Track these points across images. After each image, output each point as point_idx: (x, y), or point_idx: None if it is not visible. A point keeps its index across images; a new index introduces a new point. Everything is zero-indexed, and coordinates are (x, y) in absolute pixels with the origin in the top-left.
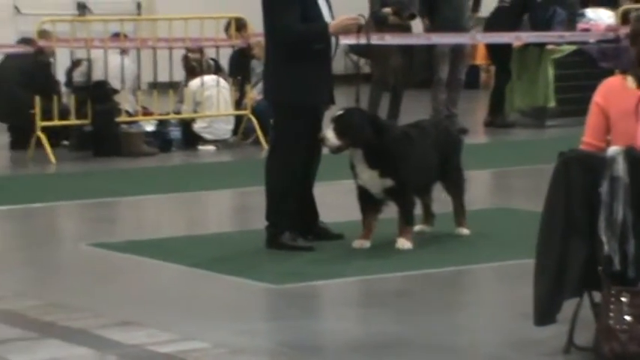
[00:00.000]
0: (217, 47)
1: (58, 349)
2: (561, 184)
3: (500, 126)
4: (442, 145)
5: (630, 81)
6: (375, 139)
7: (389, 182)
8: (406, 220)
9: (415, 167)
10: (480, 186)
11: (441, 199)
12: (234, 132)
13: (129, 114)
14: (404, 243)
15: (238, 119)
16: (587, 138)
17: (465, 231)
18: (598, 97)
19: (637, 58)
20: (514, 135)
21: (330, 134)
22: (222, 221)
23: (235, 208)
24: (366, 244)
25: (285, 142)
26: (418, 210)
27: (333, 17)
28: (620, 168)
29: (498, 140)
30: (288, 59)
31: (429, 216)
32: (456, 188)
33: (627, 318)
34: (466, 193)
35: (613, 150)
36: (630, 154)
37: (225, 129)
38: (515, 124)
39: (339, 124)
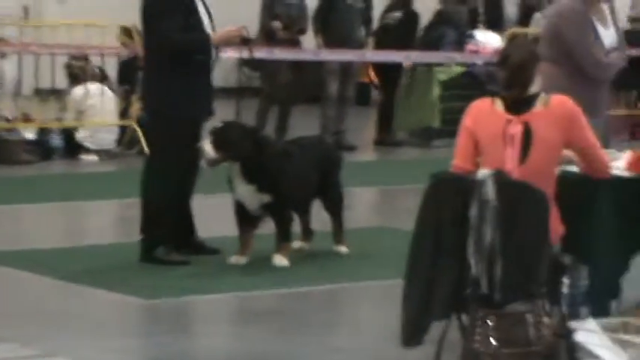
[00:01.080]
0: (102, 55)
1: None
2: (432, 205)
3: (389, 144)
4: (322, 163)
5: (499, 104)
6: (253, 153)
7: (266, 198)
8: (283, 236)
9: (293, 183)
10: (364, 204)
11: (320, 217)
12: (119, 142)
13: (8, 120)
14: (281, 259)
15: (123, 129)
16: (457, 161)
17: (343, 249)
18: (467, 120)
19: (506, 82)
20: (401, 154)
21: (207, 147)
22: (101, 232)
23: (116, 219)
24: (242, 260)
25: (162, 155)
26: (297, 227)
27: (213, 28)
28: (489, 191)
29: (385, 159)
30: (168, 70)
31: (307, 233)
32: (334, 206)
33: (493, 342)
34: (350, 211)
35: (482, 173)
36: (499, 177)
37: (108, 139)
38: (403, 143)
39: (218, 136)
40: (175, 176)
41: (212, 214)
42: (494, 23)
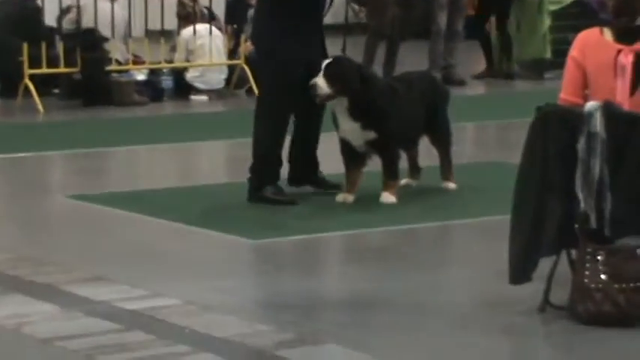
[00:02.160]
0: None
1: (21, 304)
2: (538, 139)
3: (496, 76)
4: (429, 98)
5: (608, 34)
6: (361, 89)
7: (371, 135)
8: (390, 173)
9: (399, 120)
10: (474, 139)
11: (429, 152)
12: (228, 82)
13: (119, 63)
14: (388, 197)
15: (231, 69)
16: (564, 94)
17: (451, 185)
18: (574, 51)
19: (615, 10)
20: (512, 87)
21: (320, 81)
22: (211, 173)
23: (226, 159)
24: (350, 198)
25: (273, 96)
26: (405, 163)
27: None
28: (598, 124)
29: (496, 92)
30: (278, 12)
31: (414, 170)
32: (442, 142)
33: (602, 277)
34: (460, 146)
35: (591, 105)
36: (608, 109)
37: (218, 78)
38: (514, 75)
39: (330, 71)
40: (285, 117)
41: (331, 152)
42: None
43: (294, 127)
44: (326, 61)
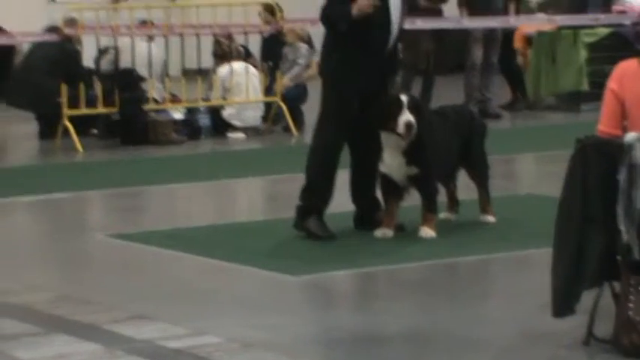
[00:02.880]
0: (246, 33)
1: (65, 344)
2: (578, 171)
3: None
4: (465, 131)
5: None
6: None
7: (414, 170)
8: (429, 208)
9: (438, 154)
10: (511, 172)
11: (469, 186)
12: (264, 119)
13: (157, 101)
14: (427, 232)
15: (268, 106)
16: (603, 126)
17: (490, 218)
18: (612, 82)
19: None
20: (548, 119)
21: (412, 118)
22: (250, 210)
23: (264, 196)
24: (389, 232)
25: (329, 123)
26: (443, 197)
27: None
28: (639, 155)
29: (532, 124)
30: (340, 42)
31: (453, 203)
32: (480, 175)
33: None
34: (497, 179)
35: (631, 136)
36: None
37: (254, 116)
38: (547, 107)
39: (414, 107)
40: (337, 148)
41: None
42: None
43: (352, 165)
44: (405, 98)
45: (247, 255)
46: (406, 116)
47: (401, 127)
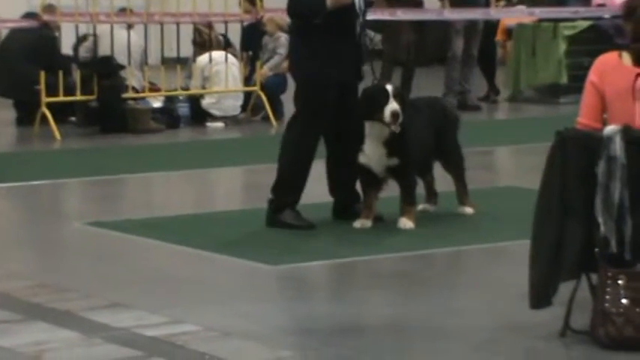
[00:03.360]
0: (226, 22)
1: (42, 331)
2: (557, 164)
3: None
4: (438, 123)
5: (626, 58)
6: None
7: (394, 161)
8: (408, 199)
9: (416, 146)
10: (490, 163)
11: (447, 177)
12: (243, 108)
13: (135, 90)
14: (406, 223)
15: (247, 96)
16: (583, 118)
17: (468, 209)
18: (593, 75)
19: (633, 34)
20: (527, 111)
21: (398, 107)
22: (228, 199)
23: (242, 186)
24: (368, 223)
25: (304, 118)
26: (421, 189)
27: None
28: (617, 147)
29: (511, 117)
30: (310, 34)
31: (431, 195)
32: (455, 167)
33: (624, 301)
34: (476, 171)
35: (610, 129)
36: (627, 133)
37: (234, 105)
38: (525, 99)
39: (399, 96)
40: (313, 143)
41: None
42: None
43: (329, 157)
44: (390, 87)
45: (225, 244)
46: (392, 105)
47: (387, 116)
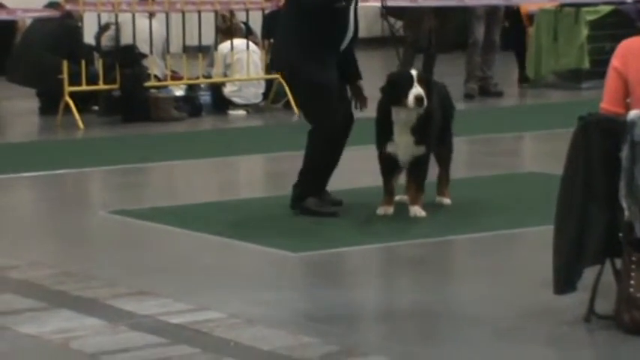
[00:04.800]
0: (247, 10)
1: (67, 319)
2: (580, 149)
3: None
4: (442, 109)
5: None
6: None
7: (421, 150)
8: (421, 187)
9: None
10: (512, 149)
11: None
12: (265, 96)
13: (158, 78)
14: (420, 211)
15: (269, 83)
16: (606, 104)
17: (446, 200)
18: (616, 60)
19: None
20: (549, 97)
21: (422, 92)
22: (251, 187)
23: (264, 173)
24: (390, 210)
25: (315, 117)
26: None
27: None
28: None
29: (533, 102)
30: (300, 34)
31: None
32: (445, 156)
33: None
34: (499, 157)
35: (634, 114)
36: None
37: (255, 93)
38: (547, 85)
39: (424, 81)
40: (334, 133)
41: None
42: None
43: None
44: (415, 72)
45: (248, 231)
46: (416, 89)
47: (411, 101)
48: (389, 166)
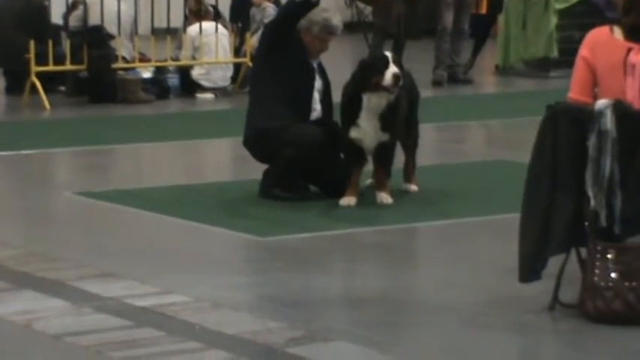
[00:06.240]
0: None
1: (32, 300)
2: (548, 137)
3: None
4: (408, 96)
5: (617, 32)
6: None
7: (386, 136)
8: (388, 174)
9: (401, 119)
10: (479, 137)
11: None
12: (233, 80)
13: (125, 60)
14: (386, 198)
15: (237, 67)
16: (573, 93)
17: (413, 187)
18: (584, 50)
19: (624, 8)
20: (517, 85)
21: (398, 71)
22: (217, 171)
23: (231, 157)
24: (353, 201)
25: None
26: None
27: None
28: (609, 122)
29: (501, 91)
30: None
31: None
32: (410, 142)
33: (613, 275)
34: (467, 144)
35: (601, 103)
36: (619, 107)
37: (223, 76)
38: (515, 73)
39: (398, 63)
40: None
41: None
42: None
43: None
44: (389, 54)
45: (214, 215)
46: (393, 69)
47: (388, 79)
48: (354, 154)
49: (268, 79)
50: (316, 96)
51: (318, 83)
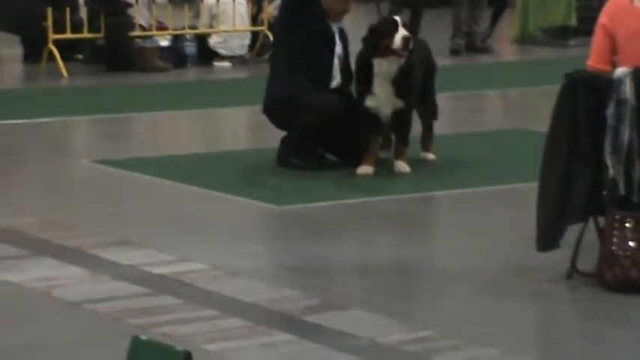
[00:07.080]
0: None
1: (51, 268)
2: (566, 106)
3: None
4: (424, 66)
5: (637, 0)
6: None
7: (400, 103)
8: (406, 142)
9: (416, 86)
10: (498, 106)
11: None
12: (251, 48)
13: (143, 28)
14: (404, 166)
15: (254, 35)
16: (592, 61)
17: (431, 156)
18: (603, 17)
19: None
20: (536, 54)
21: (408, 34)
22: (234, 139)
23: (248, 125)
24: (370, 170)
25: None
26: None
27: None
28: (628, 90)
29: (519, 59)
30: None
31: (387, 140)
32: (428, 112)
33: (631, 244)
34: (485, 114)
35: (620, 71)
36: (638, 75)
37: (241, 45)
38: (534, 42)
39: (408, 29)
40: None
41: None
42: None
43: None
44: (399, 19)
45: (231, 184)
46: (402, 32)
47: (398, 42)
48: (370, 123)
49: (289, 46)
50: (336, 63)
51: (338, 48)
